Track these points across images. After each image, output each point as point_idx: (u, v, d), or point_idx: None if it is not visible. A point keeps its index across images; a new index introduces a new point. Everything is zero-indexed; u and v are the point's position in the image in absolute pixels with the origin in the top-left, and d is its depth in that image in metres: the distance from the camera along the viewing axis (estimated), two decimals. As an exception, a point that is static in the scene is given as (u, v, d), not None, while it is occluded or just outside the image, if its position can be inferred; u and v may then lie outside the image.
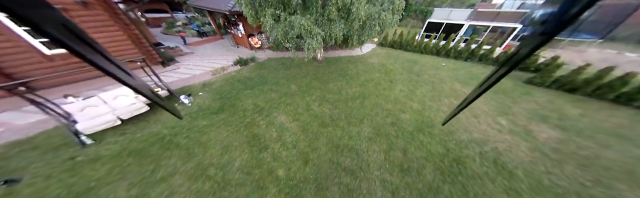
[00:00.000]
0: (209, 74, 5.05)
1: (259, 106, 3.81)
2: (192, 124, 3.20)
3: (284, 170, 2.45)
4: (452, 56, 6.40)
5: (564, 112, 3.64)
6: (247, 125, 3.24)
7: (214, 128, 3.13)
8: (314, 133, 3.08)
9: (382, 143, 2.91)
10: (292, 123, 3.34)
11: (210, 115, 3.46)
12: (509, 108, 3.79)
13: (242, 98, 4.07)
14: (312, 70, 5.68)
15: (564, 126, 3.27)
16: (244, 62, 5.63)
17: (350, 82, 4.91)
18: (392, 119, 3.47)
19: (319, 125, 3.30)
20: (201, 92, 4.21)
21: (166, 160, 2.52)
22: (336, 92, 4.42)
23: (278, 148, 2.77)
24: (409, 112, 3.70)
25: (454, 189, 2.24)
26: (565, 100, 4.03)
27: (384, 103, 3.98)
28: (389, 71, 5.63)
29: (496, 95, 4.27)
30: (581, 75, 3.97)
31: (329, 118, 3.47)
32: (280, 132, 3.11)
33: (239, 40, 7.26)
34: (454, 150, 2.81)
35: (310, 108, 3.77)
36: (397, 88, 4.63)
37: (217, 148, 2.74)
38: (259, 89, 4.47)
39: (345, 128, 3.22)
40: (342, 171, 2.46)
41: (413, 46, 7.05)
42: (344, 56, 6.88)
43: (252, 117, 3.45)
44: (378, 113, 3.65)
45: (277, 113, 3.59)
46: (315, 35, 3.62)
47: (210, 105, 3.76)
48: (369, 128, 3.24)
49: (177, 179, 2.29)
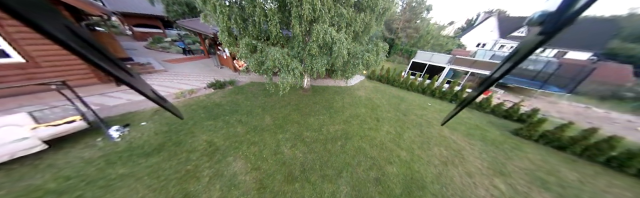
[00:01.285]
0: (172, 96, 4.67)
1: (214, 145, 3.27)
2: (101, 173, 2.45)
3: None
4: (437, 96, 6.98)
5: (561, 175, 3.58)
6: (184, 176, 2.59)
7: (131, 182, 2.40)
8: (273, 194, 2.49)
9: None
10: (248, 174, 2.76)
11: (139, 158, 2.78)
12: (503, 167, 3.67)
13: (196, 132, 3.56)
14: (295, 99, 5.62)
15: (568, 197, 3.09)
16: (219, 85, 5.48)
17: (334, 117, 4.77)
18: (377, 173, 3.07)
19: (284, 178, 2.75)
20: (145, 122, 3.64)
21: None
22: (316, 129, 4.14)
23: (211, 223, 2.07)
24: (396, 163, 3.38)
25: None
26: (557, 159, 4.11)
27: (369, 148, 3.70)
28: (375, 107, 5.75)
29: (487, 147, 4.28)
30: (566, 133, 4.28)
31: (300, 168, 2.98)
32: (226, 190, 2.47)
33: (224, 61, 7.50)
34: (452, 231, 2.32)
35: (279, 151, 3.32)
36: (383, 129, 4.52)
37: (114, 222, 1.96)
38: (223, 120, 4.06)
39: (317, 185, 2.70)
40: None
41: (399, 82, 7.75)
42: (331, 86, 7.18)
43: (196, 163, 2.83)
44: (360, 162, 3.28)
45: (233, 158, 3.04)
46: (292, 70, 3.76)
47: (147, 141, 3.13)
48: (348, 186, 2.75)
49: None
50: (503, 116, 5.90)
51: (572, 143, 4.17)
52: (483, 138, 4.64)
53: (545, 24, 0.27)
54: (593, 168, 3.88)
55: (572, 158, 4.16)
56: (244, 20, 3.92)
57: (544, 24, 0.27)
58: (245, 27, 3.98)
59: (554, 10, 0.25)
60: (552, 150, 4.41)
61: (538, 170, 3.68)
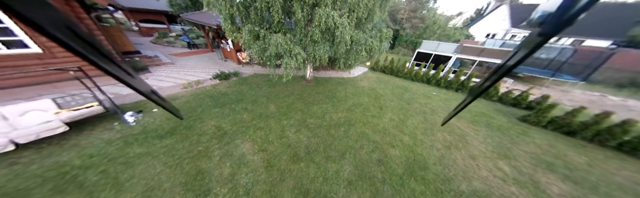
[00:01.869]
0: (180, 87, 4.82)
1: (222, 129, 3.40)
2: (121, 152, 2.64)
3: (219, 235, 1.83)
4: (442, 86, 6.82)
5: (569, 159, 3.51)
6: (196, 156, 2.74)
7: (148, 160, 2.57)
8: (280, 172, 2.60)
9: (365, 191, 2.45)
10: (256, 155, 2.88)
11: (154, 139, 2.95)
12: (508, 150, 3.64)
13: (205, 118, 3.69)
14: (298, 89, 5.66)
15: (575, 179, 3.04)
16: (224, 77, 5.57)
17: (337, 106, 4.80)
18: (379, 155, 3.13)
19: (289, 158, 2.86)
20: (156, 109, 3.81)
21: (47, 210, 1.85)
22: (319, 116, 4.20)
23: (224, 195, 2.21)
24: (398, 146, 3.42)
25: None
26: (565, 144, 4.01)
27: (371, 133, 3.74)
28: (378, 96, 5.71)
29: (492, 133, 4.22)
30: (577, 118, 4.14)
31: (304, 150, 3.08)
32: (236, 168, 2.61)
33: (228, 54, 7.56)
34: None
35: (284, 135, 3.41)
36: (386, 116, 4.53)
37: (135, 193, 2.12)
38: (230, 108, 4.18)
39: (321, 165, 2.80)
40: (303, 238, 1.88)
41: (404, 73, 7.60)
42: (334, 77, 7.15)
43: (207, 145, 2.98)
44: (363, 146, 3.34)
45: (241, 140, 3.16)
46: (294, 55, 3.75)
47: (160, 125, 3.30)
48: (351, 166, 2.83)
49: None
50: (511, 104, 5.74)
51: (582, 128, 4.04)
52: (488, 124, 4.57)
53: (545, 24, 0.27)
54: (603, 152, 3.78)
55: (581, 144, 4.06)
56: (246, 8, 3.90)
57: (543, 24, 0.27)
58: (248, 14, 3.97)
59: (554, 11, 0.25)
60: (560, 136, 4.30)
61: (544, 154, 3.62)
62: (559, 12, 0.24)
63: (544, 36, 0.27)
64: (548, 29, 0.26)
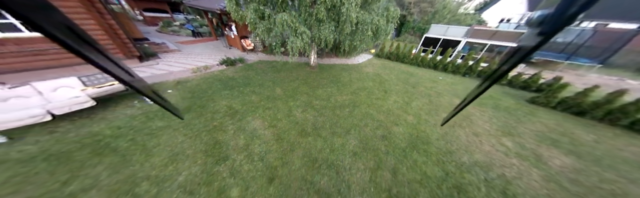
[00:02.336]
0: (189, 71, 4.95)
1: (233, 109, 3.56)
2: (144, 125, 2.86)
3: (239, 190, 2.05)
4: (449, 70, 6.64)
5: (575, 136, 3.50)
6: (212, 129, 2.93)
7: (170, 131, 2.79)
8: (289, 144, 2.77)
9: (369, 160, 2.59)
10: (266, 129, 3.05)
11: (172, 115, 3.15)
12: (513, 129, 3.65)
13: (216, 99, 3.85)
14: (302, 75, 5.68)
15: (579, 153, 3.07)
16: (230, 62, 5.64)
17: (342, 89, 4.84)
18: (383, 132, 3.23)
19: (298, 133, 3.01)
20: (171, 90, 3.99)
21: (90, 169, 2.11)
22: (324, 99, 4.28)
23: (240, 161, 2.41)
24: (402, 125, 3.50)
25: None
26: (574, 123, 3.96)
27: (376, 113, 3.81)
28: (383, 81, 5.67)
29: (498, 113, 4.19)
30: (589, 98, 4.01)
31: (312, 127, 3.21)
32: (249, 139, 2.79)
33: (232, 41, 7.52)
34: (454, 174, 2.50)
35: (292, 114, 3.54)
36: (391, 98, 4.55)
37: (163, 157, 2.36)
38: (238, 91, 4.31)
39: (328, 139, 2.94)
40: (314, 194, 2.08)
41: (410, 59, 7.39)
42: (338, 64, 7.06)
43: (221, 121, 3.16)
44: (368, 124, 3.43)
45: (252, 118, 3.32)
46: (300, 34, 3.71)
47: (176, 104, 3.50)
48: (356, 140, 2.96)
49: (91, 196, 1.84)
50: (520, 87, 5.58)
51: (593, 107, 3.94)
52: (495, 106, 4.52)
53: (544, 24, 0.27)
54: (613, 131, 3.73)
55: (590, 123, 3.99)
56: (250, -13, 3.79)
57: (543, 24, 0.27)
58: (252, -7, 3.86)
59: (553, 11, 0.25)
60: (569, 116, 4.23)
61: (550, 132, 3.61)
62: (558, 11, 0.24)
63: (543, 35, 0.26)
64: (547, 28, 0.26)
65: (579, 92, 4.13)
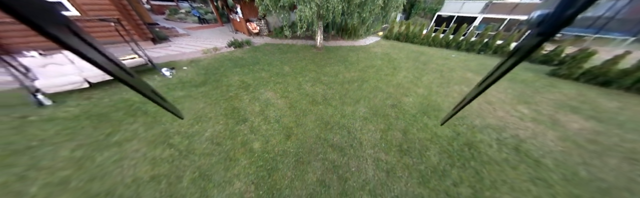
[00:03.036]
0: (200, 52, 5.08)
1: (246, 83, 3.68)
2: (167, 94, 3.06)
3: (260, 143, 2.21)
4: (463, 48, 6.28)
5: (597, 104, 3.32)
6: (229, 98, 3.08)
7: (191, 99, 2.97)
8: (302, 110, 2.87)
9: (380, 123, 2.66)
10: (279, 99, 3.15)
11: (190, 87, 3.33)
12: (530, 98, 3.51)
13: (229, 75, 3.98)
14: (309, 55, 5.63)
15: (600, 118, 2.94)
16: (238, 44, 5.67)
17: (349, 67, 4.78)
18: (393, 102, 3.24)
19: (308, 103, 3.10)
20: (186, 67, 4.15)
21: (127, 125, 2.34)
22: (332, 75, 4.27)
23: (258, 122, 2.56)
24: (412, 96, 3.47)
25: (464, 174, 1.92)
26: (597, 93, 3.72)
27: (385, 87, 3.79)
28: (392, 59, 5.51)
29: (514, 85, 4.01)
30: (617, 66, 3.70)
31: (322, 98, 3.28)
32: (264, 107, 2.92)
33: (238, 25, 7.47)
34: (465, 134, 2.51)
35: (301, 88, 3.61)
36: (400, 74, 4.45)
37: (188, 118, 2.55)
38: (249, 68, 4.39)
39: (338, 107, 3.01)
40: (328, 147, 2.20)
41: (420, 39, 7.03)
42: (345, 45, 6.89)
43: (236, 92, 3.30)
44: (377, 95, 3.44)
45: (264, 90, 3.43)
46: (309, 2, 3.59)
47: (193, 79, 3.66)
48: (366, 108, 3.01)
49: (133, 145, 2.08)
50: (541, 61, 5.23)
51: (622, 76, 3.66)
52: (512, 79, 4.32)
53: (543, 24, 0.26)
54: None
55: (616, 93, 3.75)
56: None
57: (542, 24, 0.26)
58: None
59: (552, 11, 0.24)
60: (593, 87, 3.98)
61: (570, 100, 3.45)
62: (558, 11, 0.24)
63: (543, 36, 0.26)
64: (547, 28, 0.25)
65: (608, 60, 3.81)
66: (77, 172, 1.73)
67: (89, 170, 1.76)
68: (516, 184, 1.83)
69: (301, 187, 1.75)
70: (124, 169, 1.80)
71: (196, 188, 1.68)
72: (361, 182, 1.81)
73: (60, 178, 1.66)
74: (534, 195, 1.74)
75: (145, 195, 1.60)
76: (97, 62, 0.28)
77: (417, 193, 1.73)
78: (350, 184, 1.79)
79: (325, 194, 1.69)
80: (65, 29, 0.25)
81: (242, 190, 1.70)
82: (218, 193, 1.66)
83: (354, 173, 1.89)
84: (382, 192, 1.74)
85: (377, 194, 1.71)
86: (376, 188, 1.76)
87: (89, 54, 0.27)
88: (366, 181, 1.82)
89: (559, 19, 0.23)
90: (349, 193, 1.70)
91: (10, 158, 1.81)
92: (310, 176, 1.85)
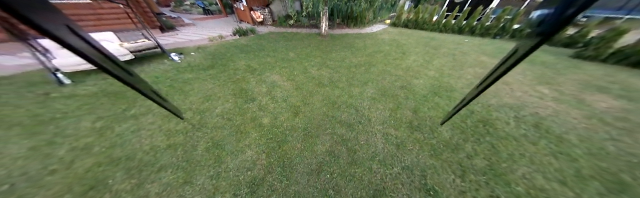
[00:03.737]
0: (206, 40, 5.09)
1: (252, 67, 3.66)
2: (177, 76, 3.12)
3: (269, 119, 2.22)
4: (477, 33, 5.89)
5: (628, 84, 3.05)
6: (236, 81, 3.09)
7: (200, 81, 3.01)
8: (308, 91, 2.84)
9: (388, 103, 2.58)
10: (285, 82, 3.13)
11: (199, 70, 3.37)
12: (551, 79, 3.27)
13: (235, 60, 3.97)
14: (314, 42, 5.50)
15: (631, 97, 2.70)
16: (243, 32, 5.63)
17: (356, 53, 4.63)
18: (403, 83, 3.13)
19: (315, 85, 3.05)
20: (193, 53, 4.18)
21: (142, 102, 2.42)
22: (339, 60, 4.16)
23: (266, 101, 2.56)
24: (423, 78, 3.33)
25: (479, 148, 1.85)
26: (628, 74, 3.41)
27: (394, 70, 3.65)
28: (401, 45, 5.28)
29: (533, 67, 3.75)
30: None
31: (328, 80, 3.22)
32: (270, 88, 2.91)
33: (242, 15, 7.37)
34: (480, 112, 2.40)
35: (307, 72, 3.55)
36: (410, 58, 4.27)
37: (198, 97, 2.59)
38: (254, 54, 4.36)
39: (345, 88, 2.94)
40: (337, 123, 2.18)
41: (430, 25, 6.64)
42: (351, 33, 6.65)
43: (242, 75, 3.30)
44: (385, 78, 3.33)
45: (270, 74, 3.41)
46: None
47: (201, 63, 3.69)
48: (374, 89, 2.93)
49: (148, 118, 2.15)
50: (563, 44, 4.82)
51: (660, 54, 3.30)
52: (530, 61, 4.03)
53: (544, 24, 0.25)
54: (679, 78, 3.16)
55: (650, 73, 3.41)
56: None
57: (542, 24, 0.26)
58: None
59: (553, 11, 0.24)
60: (624, 69, 3.64)
61: (597, 80, 3.19)
62: (558, 11, 0.23)
63: (543, 36, 0.25)
64: (547, 28, 0.25)
65: (644, 38, 3.43)
66: (98, 139, 1.82)
67: (109, 138, 1.85)
68: (536, 158, 1.74)
69: (311, 156, 1.75)
70: (142, 138, 1.87)
71: (211, 156, 1.73)
72: (371, 154, 1.79)
73: (84, 144, 1.76)
74: (555, 168, 1.65)
75: (163, 159, 1.67)
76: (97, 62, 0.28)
77: (428, 164, 1.69)
78: (360, 155, 1.77)
79: (335, 163, 1.69)
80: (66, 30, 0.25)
81: (254, 158, 1.73)
82: (232, 159, 1.70)
83: (363, 146, 1.87)
84: (392, 162, 1.71)
85: (387, 164, 1.69)
86: (386, 159, 1.73)
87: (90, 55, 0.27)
88: (376, 153, 1.80)
89: (559, 19, 0.23)
90: (359, 163, 1.69)
91: (38, 127, 1.93)
92: (319, 147, 1.85)
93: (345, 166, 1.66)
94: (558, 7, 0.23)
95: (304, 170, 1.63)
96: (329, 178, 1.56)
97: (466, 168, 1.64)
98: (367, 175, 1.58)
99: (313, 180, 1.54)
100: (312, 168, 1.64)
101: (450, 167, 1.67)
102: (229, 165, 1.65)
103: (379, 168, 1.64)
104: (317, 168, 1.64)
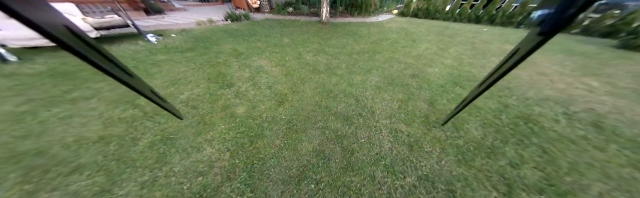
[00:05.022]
0: (194, 24, 4.57)
1: (238, 51, 3.15)
2: (148, 57, 2.64)
3: (245, 108, 1.73)
4: (498, 22, 5.19)
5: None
6: (216, 64, 2.59)
7: (172, 63, 2.53)
8: (300, 78, 2.33)
9: (397, 93, 2.06)
10: (273, 67, 2.62)
11: (175, 52, 2.88)
12: (598, 70, 2.67)
13: (220, 43, 3.46)
14: (313, 30, 4.92)
15: None
16: (235, 18, 5.08)
17: (359, 40, 4.05)
18: (414, 72, 2.58)
19: (308, 71, 2.53)
20: (175, 34, 3.68)
21: (92, 83, 1.96)
22: (339, 47, 3.61)
23: (246, 87, 2.07)
24: (438, 66, 2.77)
25: (525, 152, 1.32)
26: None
27: (403, 58, 3.09)
28: (410, 33, 4.66)
29: (571, 57, 3.13)
30: None
31: (325, 67, 2.69)
32: (255, 73, 2.41)
33: (238, 1, 6.79)
34: (517, 106, 1.86)
35: (301, 57, 3.02)
36: (421, 46, 3.68)
37: (164, 80, 2.11)
38: (243, 39, 3.84)
39: (344, 76, 2.42)
40: (330, 115, 1.68)
41: (443, 13, 5.94)
42: (354, 22, 6.01)
43: (225, 59, 2.80)
44: (393, 66, 2.78)
45: (257, 58, 2.90)
46: None
47: (180, 45, 3.19)
48: (379, 78, 2.40)
49: (91, 103, 1.69)
50: (601, 34, 4.13)
51: None
52: (567, 51, 3.40)
53: (544, 23, 0.24)
54: None
55: None
56: None
57: (543, 23, 0.24)
58: None
59: (553, 10, 0.23)
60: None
61: (657, 72, 2.57)
62: (558, 11, 0.22)
63: (544, 35, 0.23)
64: (547, 28, 0.23)
65: None
66: (11, 127, 1.37)
67: (27, 126, 1.39)
68: (611, 169, 1.21)
69: (292, 157, 1.26)
70: (70, 127, 1.41)
71: (153, 153, 1.26)
72: (373, 156, 1.29)
73: (-16, 133, 1.31)
74: (644, 184, 1.12)
75: (86, 156, 1.20)
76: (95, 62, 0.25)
77: (456, 173, 1.18)
78: (358, 157, 1.27)
79: (324, 167, 1.20)
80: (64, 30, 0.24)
81: (212, 157, 1.25)
82: (181, 159, 1.22)
83: (363, 145, 1.37)
84: (404, 168, 1.20)
85: (397, 171, 1.18)
86: (395, 164, 1.23)
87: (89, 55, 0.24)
88: (380, 155, 1.30)
89: (559, 19, 0.22)
90: (357, 168, 1.19)
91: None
92: (305, 145, 1.36)
93: (338, 172, 1.17)
94: (558, 7, 0.22)
95: (280, 176, 1.14)
96: (314, 189, 1.08)
97: (512, 182, 1.13)
98: (368, 187, 1.09)
99: (290, 193, 1.05)
100: (292, 175, 1.15)
101: (488, 179, 1.15)
102: (173, 168, 1.17)
103: (385, 177, 1.14)
104: (299, 175, 1.15)
